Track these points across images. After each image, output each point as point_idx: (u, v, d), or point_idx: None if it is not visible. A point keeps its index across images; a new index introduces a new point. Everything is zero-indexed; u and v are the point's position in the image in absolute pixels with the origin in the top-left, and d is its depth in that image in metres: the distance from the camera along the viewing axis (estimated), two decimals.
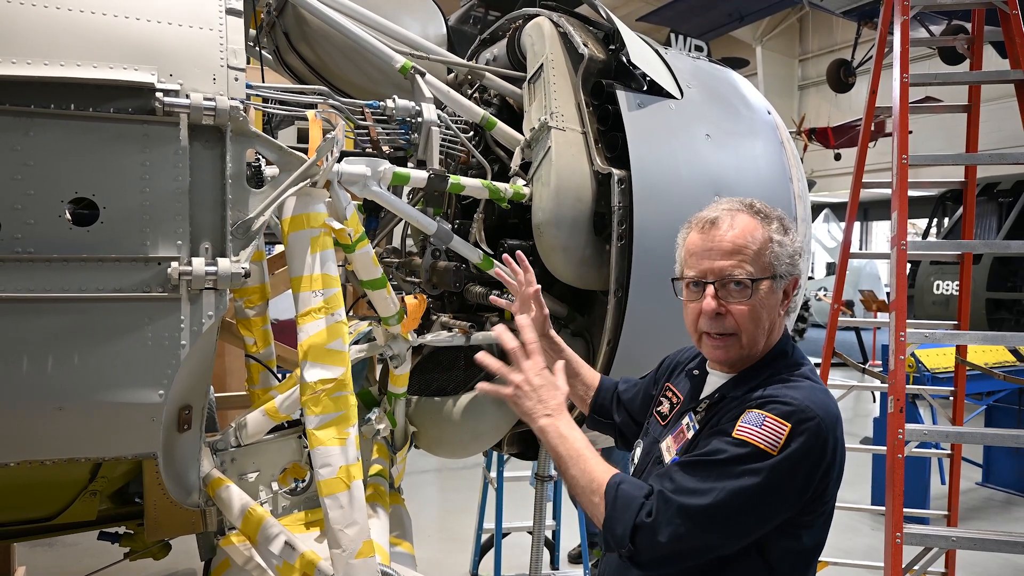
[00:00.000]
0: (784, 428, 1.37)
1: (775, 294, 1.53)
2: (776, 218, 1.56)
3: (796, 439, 1.37)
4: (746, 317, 1.51)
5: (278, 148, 1.97)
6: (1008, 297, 10.74)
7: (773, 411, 1.39)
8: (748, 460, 1.36)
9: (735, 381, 1.58)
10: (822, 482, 1.42)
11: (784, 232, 1.55)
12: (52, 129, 1.68)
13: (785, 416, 1.38)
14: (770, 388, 1.46)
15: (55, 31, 1.70)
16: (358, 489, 1.96)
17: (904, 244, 3.01)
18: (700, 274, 1.54)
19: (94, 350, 1.73)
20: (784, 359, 1.57)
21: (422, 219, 2.32)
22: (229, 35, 1.89)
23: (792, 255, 1.54)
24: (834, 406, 1.47)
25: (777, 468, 1.36)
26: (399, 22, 2.67)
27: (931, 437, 3.04)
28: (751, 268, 1.50)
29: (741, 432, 1.39)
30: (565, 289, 2.58)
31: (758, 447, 1.37)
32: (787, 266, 1.54)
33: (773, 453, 1.36)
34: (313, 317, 1.97)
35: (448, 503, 6.46)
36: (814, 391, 1.46)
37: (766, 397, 1.43)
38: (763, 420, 1.39)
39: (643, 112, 2.41)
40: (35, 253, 1.67)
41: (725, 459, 1.38)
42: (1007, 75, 3.23)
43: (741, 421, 1.40)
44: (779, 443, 1.36)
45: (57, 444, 1.79)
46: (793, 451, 1.36)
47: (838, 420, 1.46)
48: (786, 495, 1.39)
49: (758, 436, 1.37)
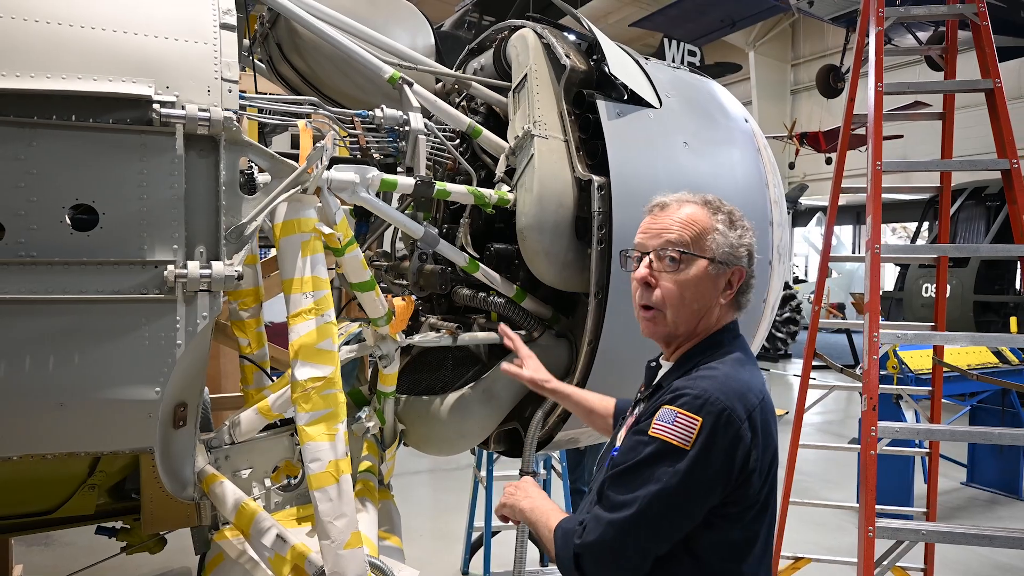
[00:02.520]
0: (695, 422, 1.43)
1: (711, 278, 1.60)
2: (726, 212, 1.64)
3: (707, 430, 1.43)
4: (673, 293, 1.59)
5: (270, 156, 2.05)
6: (995, 299, 10.87)
7: (683, 406, 1.46)
8: (664, 458, 1.44)
9: (672, 369, 1.66)
10: (743, 471, 1.47)
11: (730, 225, 1.63)
12: (54, 139, 1.77)
13: (696, 409, 1.45)
14: (685, 379, 1.53)
15: (57, 46, 1.79)
16: (347, 483, 2.04)
17: (878, 248, 3.11)
18: (640, 247, 1.65)
19: (94, 349, 1.81)
20: (718, 348, 1.62)
21: (410, 224, 2.41)
22: (223, 49, 1.97)
23: (735, 246, 1.61)
24: (754, 394, 1.51)
25: (693, 461, 1.42)
26: (389, 33, 2.75)
27: (903, 434, 3.14)
28: (687, 246, 1.59)
29: (656, 430, 1.46)
30: (549, 291, 2.67)
31: (671, 443, 1.43)
32: (727, 254, 1.60)
33: (687, 448, 1.42)
34: (304, 318, 2.05)
35: (439, 503, 6.53)
36: (729, 379, 1.51)
37: (677, 391, 1.49)
38: (675, 416, 1.45)
39: (622, 121, 2.50)
40: (37, 257, 1.75)
41: (643, 460, 1.46)
42: (978, 84, 3.33)
43: (656, 419, 1.48)
44: (691, 437, 1.43)
45: (58, 439, 1.87)
46: (705, 442, 1.43)
47: (757, 407, 1.50)
48: (706, 486, 1.45)
49: (670, 432, 1.44)
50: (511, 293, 2.60)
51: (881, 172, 3.19)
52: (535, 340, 2.66)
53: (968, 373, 4.65)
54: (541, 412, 2.60)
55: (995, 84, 3.31)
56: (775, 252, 2.83)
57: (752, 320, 2.85)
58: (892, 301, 12.43)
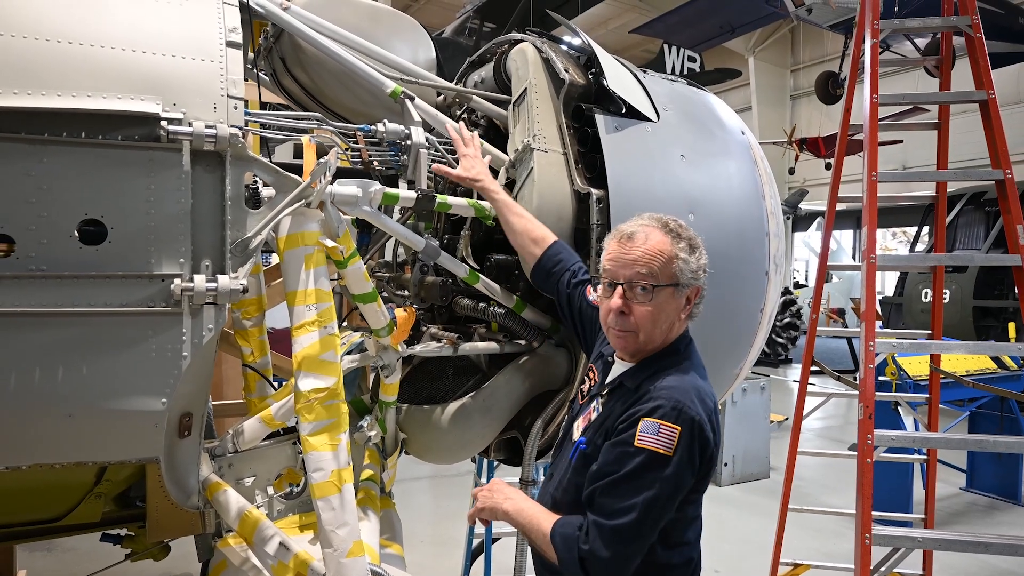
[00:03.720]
0: (675, 430, 1.68)
1: (676, 300, 1.83)
2: (686, 238, 1.83)
3: (685, 437, 1.68)
4: (646, 318, 1.81)
5: (274, 171, 2.09)
6: (995, 305, 10.88)
7: (664, 417, 1.69)
8: (653, 466, 1.67)
9: (632, 371, 1.87)
10: (707, 465, 1.75)
11: (690, 250, 1.82)
12: (64, 156, 1.80)
13: (674, 419, 1.69)
14: (656, 390, 1.75)
15: (67, 65, 1.83)
16: (349, 492, 2.08)
17: (874, 257, 3.14)
18: (612, 277, 1.84)
19: (102, 361, 1.85)
20: (675, 356, 1.86)
21: (411, 236, 2.44)
22: (229, 66, 2.02)
23: (695, 270, 1.82)
24: (710, 398, 1.78)
25: (677, 466, 1.67)
26: (390, 47, 2.79)
27: (899, 442, 3.17)
28: (656, 277, 1.80)
29: (642, 442, 1.69)
30: (549, 302, 2.70)
31: (658, 452, 1.67)
32: (689, 278, 1.81)
33: (671, 455, 1.67)
34: (307, 330, 2.09)
35: (440, 509, 6.56)
36: (693, 388, 1.76)
37: (655, 404, 1.72)
38: (658, 428, 1.68)
39: (620, 134, 2.54)
40: (47, 271, 1.79)
41: (635, 469, 1.68)
42: (971, 95, 3.38)
43: (640, 431, 1.69)
44: (673, 445, 1.67)
45: (66, 448, 1.90)
46: (685, 448, 1.68)
47: (713, 410, 1.77)
48: (686, 483, 1.71)
49: (656, 443, 1.68)
50: (511, 303, 2.64)
51: (877, 182, 3.23)
52: (535, 350, 2.69)
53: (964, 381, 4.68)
54: (541, 421, 2.63)
55: (989, 95, 3.35)
56: (772, 263, 2.86)
57: (749, 330, 2.88)
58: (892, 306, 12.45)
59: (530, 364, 2.68)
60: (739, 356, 2.93)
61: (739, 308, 2.79)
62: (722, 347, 2.79)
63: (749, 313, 2.85)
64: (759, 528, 6.00)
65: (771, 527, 4.68)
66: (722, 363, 2.85)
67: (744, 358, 2.96)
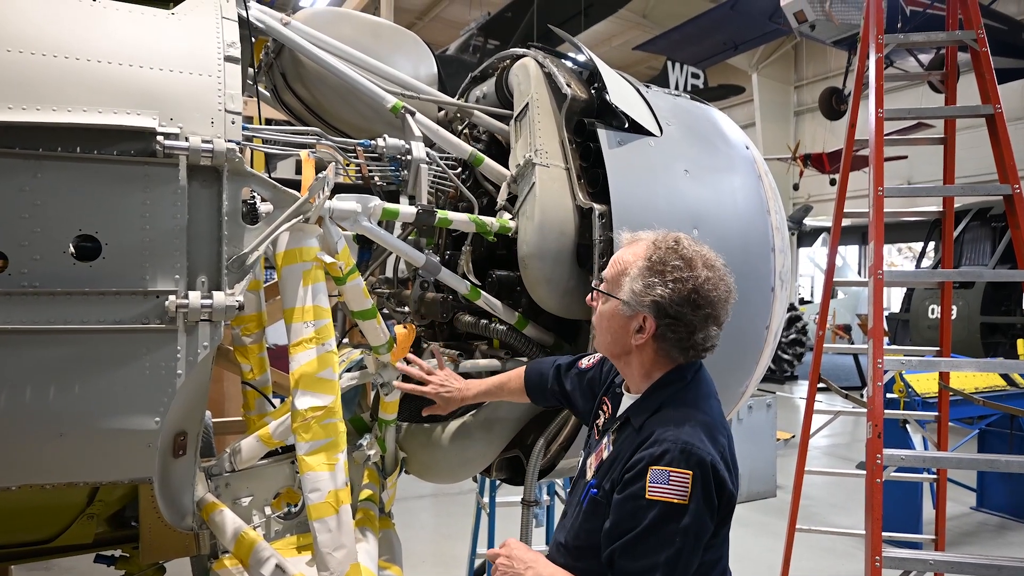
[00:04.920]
0: (687, 476, 1.54)
1: (622, 317, 1.72)
2: (657, 261, 1.69)
3: (699, 482, 1.54)
4: (596, 319, 1.82)
5: (272, 186, 2.07)
6: (1002, 321, 10.80)
7: (672, 463, 1.55)
8: (670, 519, 1.53)
9: (636, 405, 1.77)
10: (727, 505, 1.60)
11: (647, 272, 1.69)
12: (59, 171, 1.78)
13: (684, 464, 1.55)
14: (661, 432, 1.62)
15: (63, 79, 1.81)
16: (346, 513, 2.03)
17: (881, 273, 3.10)
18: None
19: (94, 379, 1.82)
20: (670, 387, 1.73)
21: (411, 252, 2.41)
22: (227, 81, 2.00)
23: (638, 293, 1.68)
24: (721, 433, 1.65)
25: (695, 515, 1.54)
26: (392, 63, 2.78)
27: (909, 462, 3.11)
28: (607, 284, 1.77)
29: (653, 493, 1.55)
30: (551, 319, 2.67)
31: (672, 503, 1.53)
32: (633, 299, 1.69)
33: (686, 503, 1.53)
34: (305, 347, 2.06)
35: (442, 528, 6.48)
36: (702, 425, 1.63)
37: (662, 449, 1.58)
38: (668, 476, 1.55)
39: (623, 149, 2.51)
40: (40, 287, 1.76)
41: (650, 525, 1.54)
42: (978, 110, 3.35)
43: (649, 481, 1.56)
44: (687, 492, 1.54)
45: (58, 469, 1.86)
46: (701, 492, 1.55)
47: (726, 446, 1.64)
48: (706, 529, 1.57)
49: (669, 492, 1.54)
50: (513, 320, 2.60)
51: (883, 198, 3.20)
52: None
53: (974, 399, 4.61)
54: (543, 440, 2.59)
55: (995, 110, 3.32)
56: (777, 279, 2.82)
57: (755, 347, 2.83)
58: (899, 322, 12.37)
59: None
60: (745, 373, 2.88)
61: (745, 325, 2.75)
62: (728, 364, 2.74)
63: (755, 330, 2.80)
64: (766, 548, 5.90)
65: (778, 547, 4.61)
66: (728, 380, 2.80)
67: (750, 375, 2.91)
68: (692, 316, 1.67)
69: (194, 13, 2.07)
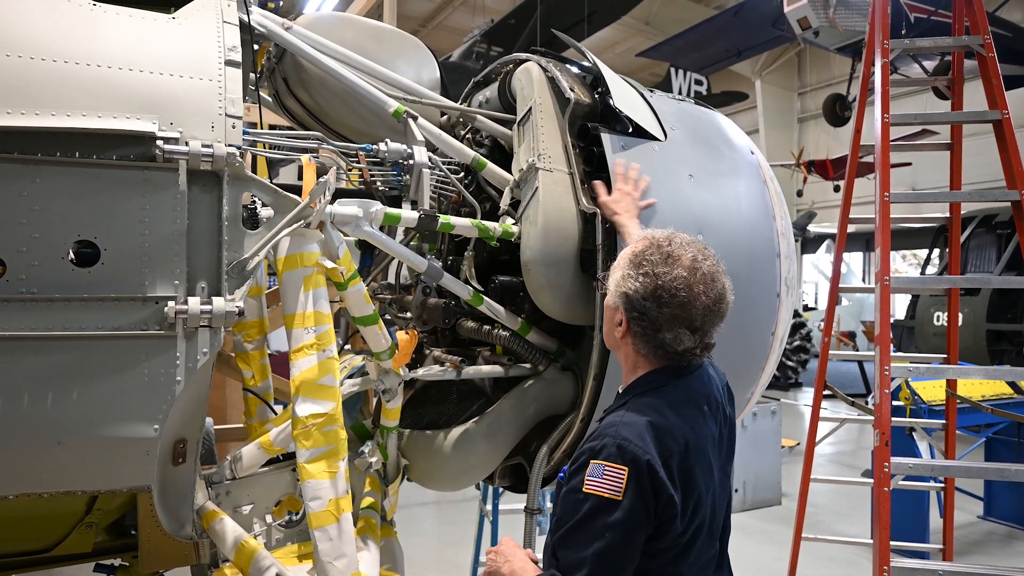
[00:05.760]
0: (622, 472, 1.53)
1: (609, 308, 1.77)
2: (638, 254, 1.71)
3: (633, 479, 1.53)
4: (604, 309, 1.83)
5: (273, 191, 2.05)
6: (1008, 328, 10.72)
7: (609, 457, 1.55)
8: (601, 512, 1.53)
9: (612, 403, 1.80)
10: (666, 512, 1.56)
11: (628, 264, 1.71)
12: (57, 176, 1.77)
13: (619, 460, 1.54)
14: (604, 426, 1.64)
15: (62, 84, 1.80)
16: (347, 522, 2.01)
17: (887, 279, 3.07)
18: None
19: (93, 386, 1.80)
20: (641, 388, 1.72)
21: (413, 258, 2.39)
22: (228, 85, 1.98)
23: (617, 286, 1.73)
24: (674, 439, 1.60)
25: (627, 511, 1.52)
26: (394, 68, 2.77)
27: (917, 471, 3.07)
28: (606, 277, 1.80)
29: (589, 486, 1.55)
30: (554, 324, 2.64)
31: (604, 497, 1.53)
32: (614, 290, 1.73)
33: (619, 499, 1.52)
34: (305, 353, 2.04)
35: (445, 536, 6.44)
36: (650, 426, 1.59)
37: (600, 443, 1.58)
38: (603, 470, 1.55)
39: (627, 154, 2.49)
40: (38, 294, 1.75)
41: (583, 517, 1.54)
42: (985, 115, 3.32)
43: (587, 475, 1.56)
44: (621, 487, 1.53)
45: (55, 477, 1.84)
46: (634, 491, 1.53)
47: (676, 453, 1.59)
48: (640, 527, 1.55)
49: (603, 487, 1.54)
50: (516, 326, 2.58)
51: (889, 203, 3.17)
52: (541, 373, 2.63)
53: (982, 407, 4.56)
54: (547, 447, 2.56)
55: (1003, 115, 3.29)
56: (783, 284, 2.80)
57: (760, 353, 2.81)
58: (903, 330, 12.29)
59: (535, 388, 2.62)
60: (751, 380, 2.85)
61: (750, 331, 2.72)
62: (733, 371, 2.69)
63: (760, 336, 2.78)
64: (772, 557, 5.85)
65: (784, 555, 4.57)
66: (733, 387, 2.75)
67: (756, 382, 2.88)
68: (656, 313, 1.65)
69: (195, 17, 2.06)
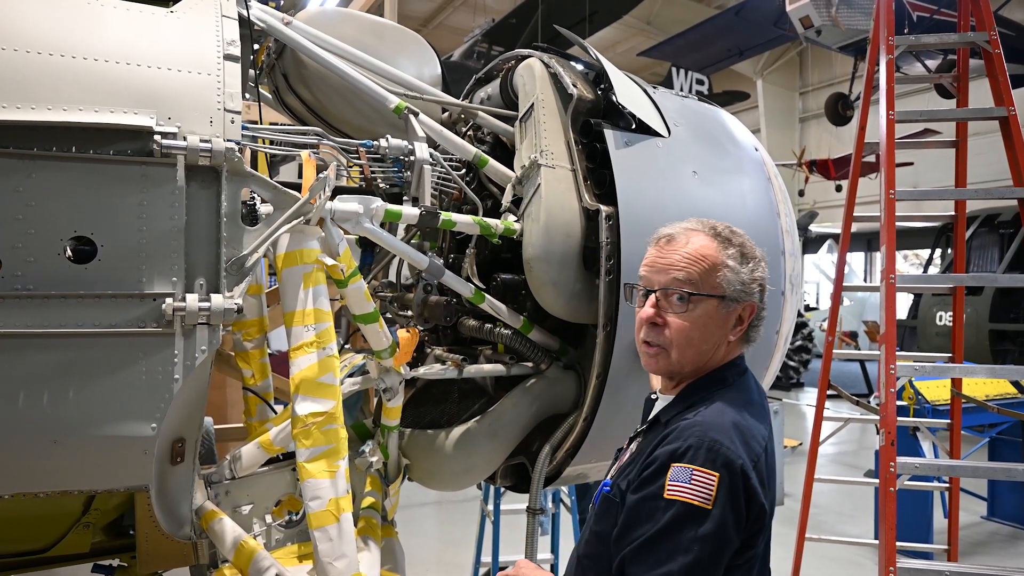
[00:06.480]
0: (713, 478, 1.36)
1: (719, 316, 1.56)
2: (737, 244, 1.59)
3: (725, 486, 1.36)
4: (681, 333, 1.54)
5: (272, 187, 2.02)
6: (1011, 328, 10.69)
7: (695, 461, 1.37)
8: (687, 522, 1.35)
9: (672, 403, 1.60)
10: (756, 523, 1.42)
11: (741, 259, 1.58)
12: (53, 171, 1.74)
13: (710, 464, 1.37)
14: (687, 427, 1.45)
15: (59, 78, 1.78)
16: (347, 522, 1.98)
17: (893, 278, 3.04)
18: (647, 284, 1.60)
19: (90, 384, 1.77)
20: (722, 386, 1.57)
21: (414, 255, 2.37)
22: (226, 79, 1.96)
23: (746, 282, 1.57)
24: (757, 441, 1.46)
25: (718, 522, 1.35)
26: (395, 64, 2.74)
27: (923, 470, 3.04)
28: (696, 285, 1.53)
29: (672, 492, 1.37)
30: (557, 323, 2.62)
31: (693, 504, 1.35)
32: (738, 291, 1.56)
33: (708, 507, 1.35)
34: (305, 351, 2.01)
35: (446, 536, 6.42)
36: (735, 427, 1.44)
37: (685, 444, 1.41)
38: (691, 474, 1.36)
39: (630, 150, 2.47)
40: (34, 290, 1.72)
41: (666, 527, 1.36)
42: (991, 112, 3.29)
43: (670, 479, 1.38)
44: (711, 495, 1.35)
45: (52, 477, 1.82)
46: (727, 498, 1.36)
47: (762, 455, 1.45)
48: (731, 542, 1.38)
49: (690, 493, 1.36)
50: (518, 324, 2.55)
51: (895, 201, 3.14)
52: (543, 372, 2.60)
53: (988, 406, 4.54)
54: (549, 447, 2.54)
55: (1009, 112, 3.26)
56: (787, 282, 2.77)
57: (765, 352, 2.78)
58: (906, 330, 12.25)
59: (538, 387, 2.59)
60: None
61: None
62: None
63: (765, 335, 2.74)
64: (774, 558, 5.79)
65: (787, 556, 4.53)
66: None
67: (760, 380, 2.85)
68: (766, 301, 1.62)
69: (193, 11, 2.03)
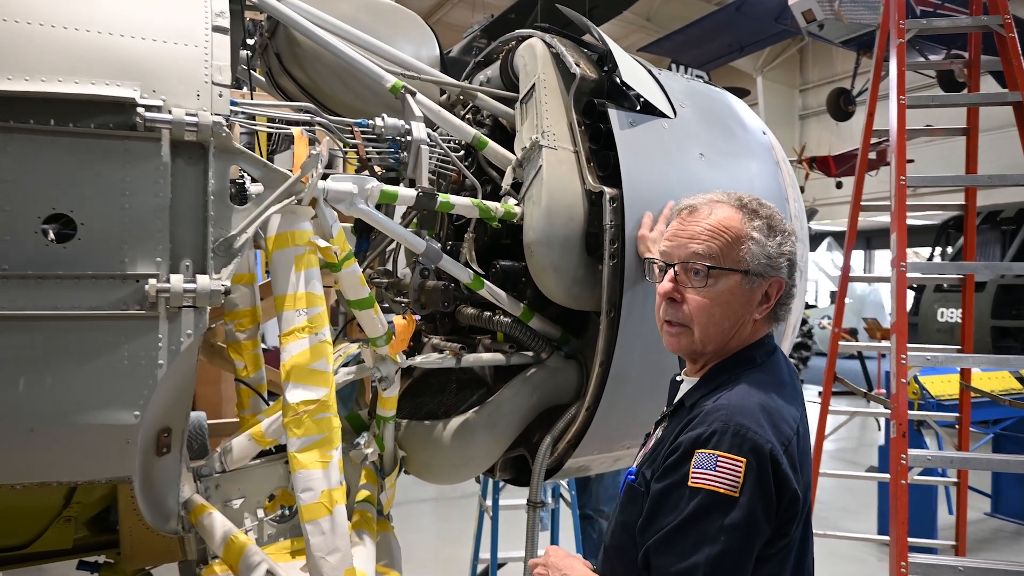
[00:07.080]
0: (739, 464, 1.29)
1: (744, 291, 1.48)
2: (764, 216, 1.50)
3: (753, 472, 1.30)
4: (700, 309, 1.46)
5: (262, 165, 1.93)
6: (1013, 325, 10.67)
7: (720, 446, 1.31)
8: (714, 511, 1.29)
9: (698, 385, 1.52)
10: (788, 511, 1.35)
11: (768, 232, 1.49)
12: (30, 145, 1.65)
13: (737, 449, 1.30)
14: (712, 411, 1.38)
15: (36, 47, 1.68)
16: (340, 515, 1.90)
17: (904, 266, 2.97)
18: (666, 258, 1.52)
19: (68, 370, 1.68)
20: (749, 366, 1.49)
21: (410, 238, 2.28)
22: (215, 52, 1.87)
23: (772, 256, 1.48)
24: (788, 424, 1.39)
25: (747, 511, 1.29)
26: (393, 44, 2.65)
27: (935, 463, 2.97)
28: (716, 259, 1.45)
29: (697, 480, 1.31)
30: (558, 310, 2.54)
31: (719, 493, 1.29)
32: (763, 265, 1.47)
33: (736, 495, 1.29)
34: (296, 336, 1.93)
35: (444, 532, 6.36)
36: (763, 409, 1.38)
37: (710, 429, 1.34)
38: (716, 461, 1.30)
39: (635, 131, 2.38)
40: (9, 271, 1.63)
41: (691, 517, 1.30)
42: (1005, 96, 3.22)
43: (694, 466, 1.32)
44: (738, 483, 1.29)
45: (28, 468, 1.73)
46: (755, 485, 1.30)
47: (793, 438, 1.38)
48: (761, 531, 1.32)
49: (716, 481, 1.30)
50: (518, 312, 2.47)
51: (906, 187, 3.06)
52: (543, 361, 2.52)
53: (1000, 399, 4.47)
54: (550, 438, 2.46)
55: (1023, 97, 3.18)
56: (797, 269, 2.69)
57: None
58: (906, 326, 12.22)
59: (538, 377, 2.51)
60: None
61: None
62: None
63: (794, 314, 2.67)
64: None
65: None
66: None
67: None
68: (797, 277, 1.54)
69: None
